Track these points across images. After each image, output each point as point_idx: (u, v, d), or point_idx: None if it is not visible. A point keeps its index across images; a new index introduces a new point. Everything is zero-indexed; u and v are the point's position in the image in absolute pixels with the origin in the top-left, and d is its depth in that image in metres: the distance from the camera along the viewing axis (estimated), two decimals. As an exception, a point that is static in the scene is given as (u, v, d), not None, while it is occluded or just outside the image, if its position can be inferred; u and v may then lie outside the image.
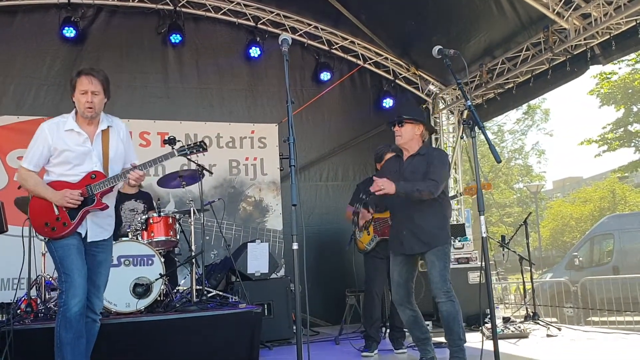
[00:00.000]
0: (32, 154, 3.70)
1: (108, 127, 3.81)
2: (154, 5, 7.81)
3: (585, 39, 6.55)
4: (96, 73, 3.70)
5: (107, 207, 3.75)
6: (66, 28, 7.27)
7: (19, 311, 4.99)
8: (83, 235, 3.71)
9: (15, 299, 5.33)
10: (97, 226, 3.77)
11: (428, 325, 6.92)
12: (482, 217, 3.55)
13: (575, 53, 6.77)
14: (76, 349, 3.55)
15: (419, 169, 4.31)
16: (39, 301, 5.35)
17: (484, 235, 3.54)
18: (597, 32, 6.42)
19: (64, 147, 3.66)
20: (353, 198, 5.82)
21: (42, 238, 3.71)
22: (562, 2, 6.48)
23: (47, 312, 5.08)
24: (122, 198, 6.02)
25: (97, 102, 3.69)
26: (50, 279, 5.50)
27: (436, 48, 4.00)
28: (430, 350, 4.44)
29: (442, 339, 5.81)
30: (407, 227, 4.31)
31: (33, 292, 5.42)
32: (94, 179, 3.68)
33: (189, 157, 4.16)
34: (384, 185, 4.09)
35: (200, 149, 4.07)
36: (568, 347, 5.48)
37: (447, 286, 4.19)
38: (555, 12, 6.58)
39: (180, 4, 7.86)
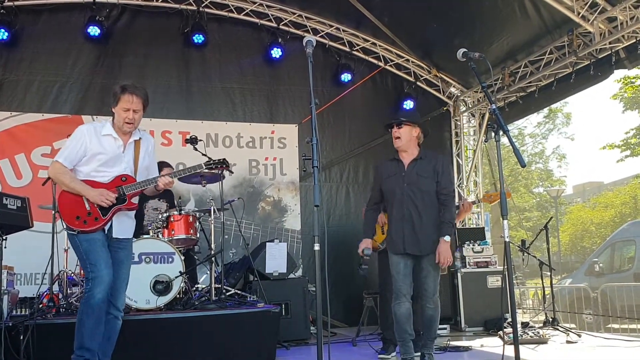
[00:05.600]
0: (69, 151, 3.86)
1: (140, 138, 4.03)
2: (177, 6, 7.88)
3: (610, 43, 6.48)
4: (139, 91, 3.87)
5: (136, 206, 3.99)
6: (91, 27, 7.35)
7: (41, 306, 5.06)
8: (107, 232, 3.90)
9: (38, 293, 5.40)
10: (120, 223, 3.96)
11: (445, 329, 6.93)
12: (505, 222, 3.49)
13: (599, 57, 6.70)
14: (95, 335, 3.73)
15: (426, 172, 4.48)
16: (60, 296, 5.42)
17: (507, 239, 3.49)
18: (622, 36, 6.35)
19: (100, 150, 3.86)
20: None
21: (73, 231, 3.80)
22: (587, 6, 6.41)
23: (68, 307, 5.15)
24: (146, 197, 6.07)
25: (137, 118, 3.90)
26: (72, 275, 5.58)
27: (461, 51, 3.93)
28: (411, 350, 4.53)
29: (462, 343, 5.82)
30: (407, 227, 4.44)
31: (55, 287, 5.49)
32: (124, 182, 3.90)
33: (213, 171, 4.59)
34: (450, 258, 4.31)
35: (224, 165, 4.45)
36: (590, 354, 5.38)
37: (437, 294, 4.48)
38: (580, 15, 6.51)
39: (204, 4, 7.92)
